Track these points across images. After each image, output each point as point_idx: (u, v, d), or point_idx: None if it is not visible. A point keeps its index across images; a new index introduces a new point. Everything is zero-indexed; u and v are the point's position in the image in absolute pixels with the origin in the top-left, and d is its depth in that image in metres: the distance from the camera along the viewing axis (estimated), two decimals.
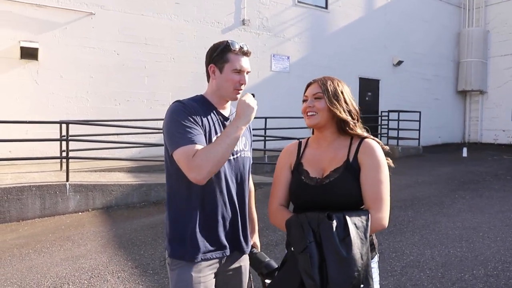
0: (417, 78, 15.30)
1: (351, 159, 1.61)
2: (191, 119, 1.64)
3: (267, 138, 10.04)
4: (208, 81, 1.84)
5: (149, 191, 6.73)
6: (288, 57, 11.94)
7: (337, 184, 1.57)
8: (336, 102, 1.64)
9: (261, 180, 7.79)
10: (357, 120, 1.69)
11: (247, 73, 1.78)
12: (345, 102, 1.67)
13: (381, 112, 13.75)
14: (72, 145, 6.95)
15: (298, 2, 12.11)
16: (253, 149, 1.98)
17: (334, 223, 1.40)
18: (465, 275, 3.65)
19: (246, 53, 1.77)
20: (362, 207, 1.62)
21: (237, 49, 1.74)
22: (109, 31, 8.93)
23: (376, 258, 1.67)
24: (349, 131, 1.66)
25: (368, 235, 1.42)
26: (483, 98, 17.01)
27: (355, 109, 1.69)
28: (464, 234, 4.82)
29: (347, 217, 1.42)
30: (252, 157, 1.94)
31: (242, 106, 1.67)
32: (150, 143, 8.81)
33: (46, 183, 5.97)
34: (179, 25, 9.90)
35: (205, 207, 1.69)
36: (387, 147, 1.70)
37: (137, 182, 6.76)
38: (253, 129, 2.04)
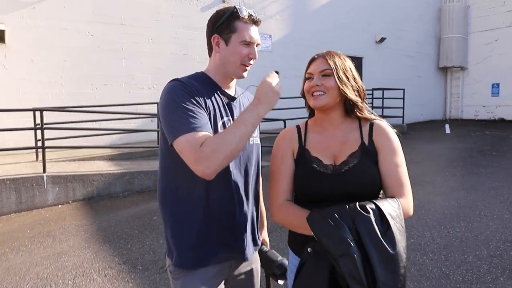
0: (400, 55, 15.18)
1: (366, 142, 1.47)
2: (193, 101, 1.36)
3: None
4: (210, 55, 1.57)
5: (132, 179, 6.42)
6: (270, 36, 11.59)
7: (358, 170, 1.41)
8: (346, 81, 1.47)
9: None
10: (363, 100, 1.53)
11: (257, 46, 1.51)
12: (354, 79, 1.51)
13: (365, 90, 13.60)
14: (48, 133, 6.54)
15: None
16: None
17: (372, 216, 1.20)
18: (468, 257, 3.54)
19: (256, 22, 1.50)
20: (379, 194, 1.46)
21: (246, 17, 1.47)
22: (81, 10, 8.39)
23: None
24: (357, 113, 1.51)
25: (404, 224, 1.24)
26: (464, 74, 17.07)
27: (362, 88, 1.53)
28: (460, 213, 4.72)
29: (381, 207, 1.23)
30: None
31: (265, 89, 1.36)
32: (130, 129, 8.45)
33: (22, 176, 5.59)
34: (156, 3, 9.40)
35: (211, 205, 1.45)
36: (395, 130, 1.54)
37: (119, 171, 6.43)
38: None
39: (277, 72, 1.46)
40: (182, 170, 1.35)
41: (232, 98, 1.56)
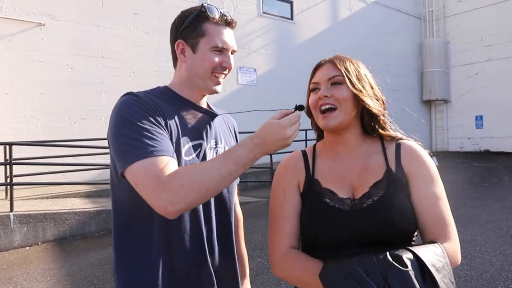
0: (384, 88, 14.71)
1: (393, 168, 1.13)
2: (150, 117, 1.06)
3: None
4: (175, 66, 1.27)
5: (108, 217, 5.97)
6: (255, 70, 11.53)
7: (386, 204, 1.07)
8: (362, 88, 1.15)
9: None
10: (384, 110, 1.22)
11: (232, 53, 1.22)
12: (372, 88, 1.20)
13: (385, 102, 13.55)
14: (21, 169, 6.13)
15: (263, 12, 11.78)
16: None
17: (411, 270, 0.88)
18: None
19: (230, 23, 1.21)
20: (415, 235, 1.12)
21: (217, 17, 1.18)
22: (61, 43, 8.17)
23: None
24: (379, 130, 1.20)
25: (453, 279, 0.94)
26: (448, 107, 17.23)
27: (382, 98, 1.23)
28: (461, 249, 4.41)
29: (421, 256, 0.92)
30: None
31: (278, 136, 1.04)
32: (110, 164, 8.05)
33: None
34: (138, 37, 9.27)
35: (172, 251, 1.11)
36: (427, 150, 1.22)
37: (95, 209, 6.00)
38: None
39: (301, 108, 1.11)
40: (137, 207, 1.04)
41: (211, 115, 1.25)
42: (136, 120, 1.04)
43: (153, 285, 1.10)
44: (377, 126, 1.19)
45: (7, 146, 5.86)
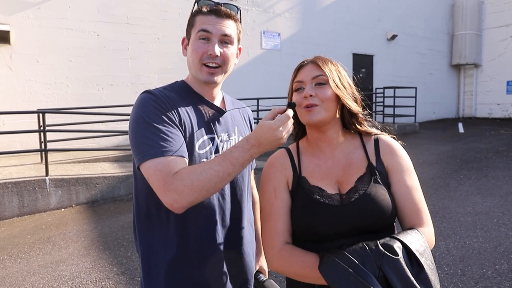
0: (412, 52, 14.84)
1: (374, 163, 1.24)
2: (165, 118, 1.16)
3: (260, 119, 9.59)
4: None
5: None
6: (279, 34, 11.39)
7: (372, 196, 1.16)
8: (343, 88, 1.24)
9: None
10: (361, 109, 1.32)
11: (223, 41, 1.26)
12: (350, 87, 1.29)
13: (376, 89, 13.34)
14: (53, 135, 6.45)
15: None
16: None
17: (401, 257, 0.99)
18: (487, 271, 3.32)
19: (218, 12, 1.26)
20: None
21: (206, 8, 1.26)
22: (87, 10, 8.28)
23: None
24: (358, 127, 1.29)
25: (433, 259, 1.05)
26: (478, 71, 16.65)
27: (359, 97, 1.31)
28: (477, 220, 4.49)
29: (407, 244, 1.03)
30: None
31: (271, 137, 1.08)
32: None
33: (24, 179, 5.49)
34: (162, 2, 9.26)
35: (188, 240, 1.24)
36: (400, 141, 1.34)
37: (124, 173, 6.30)
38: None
39: (293, 105, 1.14)
40: (155, 196, 1.16)
41: (219, 111, 1.34)
42: (151, 119, 1.15)
43: (172, 263, 1.24)
44: (356, 123, 1.28)
45: (41, 114, 6.14)
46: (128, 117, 5.44)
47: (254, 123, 1.55)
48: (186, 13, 9.28)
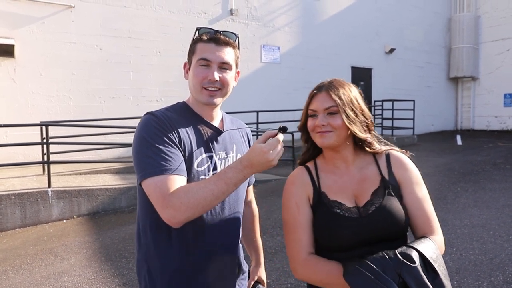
0: (410, 65, 15.03)
1: (387, 177, 1.36)
2: (165, 137, 1.26)
3: (259, 133, 9.68)
4: None
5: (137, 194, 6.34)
6: (279, 48, 11.57)
7: (387, 209, 1.29)
8: (355, 117, 1.33)
9: (255, 177, 7.46)
10: (371, 132, 1.41)
11: (222, 67, 1.35)
12: (362, 112, 1.37)
13: (374, 101, 13.48)
14: (56, 147, 6.54)
15: None
16: None
17: (418, 265, 1.11)
18: (483, 283, 3.38)
19: (217, 40, 1.35)
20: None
21: (206, 36, 1.35)
22: (90, 24, 8.45)
23: None
24: (367, 149, 1.40)
25: (444, 265, 1.17)
26: (475, 84, 16.83)
27: (370, 119, 1.40)
28: (474, 233, 4.56)
29: (422, 251, 1.16)
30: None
31: (262, 160, 1.16)
32: None
33: (26, 190, 5.56)
34: (164, 16, 9.44)
35: (189, 254, 1.34)
36: (409, 153, 1.45)
37: (125, 185, 6.37)
38: (245, 124, 1.65)
39: (284, 129, 1.23)
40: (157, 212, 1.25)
41: (217, 131, 1.43)
42: (153, 140, 1.24)
43: (173, 273, 1.33)
44: (366, 146, 1.39)
45: (44, 127, 6.24)
46: (130, 130, 5.62)
47: (254, 135, 1.65)
48: (187, 28, 9.51)
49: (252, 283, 1.63)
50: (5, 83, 7.59)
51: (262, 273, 1.68)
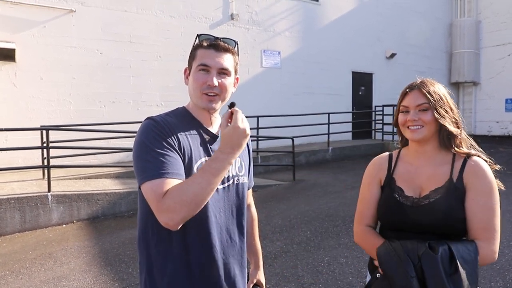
0: (411, 71, 15.01)
1: (455, 179, 1.44)
2: (164, 142, 1.26)
3: (259, 138, 9.68)
4: None
5: (137, 198, 6.32)
6: (279, 52, 11.58)
7: (438, 206, 1.41)
8: (444, 113, 1.45)
9: (255, 182, 7.44)
10: (459, 128, 1.51)
11: (221, 73, 1.37)
12: (451, 110, 1.49)
13: (375, 106, 13.48)
14: (56, 151, 6.54)
15: None
16: None
17: (439, 256, 1.23)
18: None
19: (217, 46, 1.37)
20: (464, 237, 1.44)
21: (206, 42, 1.38)
22: (91, 29, 8.47)
23: None
24: (455, 147, 1.49)
25: (478, 271, 1.25)
26: (476, 89, 16.83)
27: (459, 117, 1.52)
28: None
29: (453, 249, 1.26)
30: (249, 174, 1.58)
31: (239, 135, 1.22)
32: None
33: (26, 195, 5.55)
34: (164, 21, 9.47)
35: (189, 255, 1.33)
36: (497, 166, 1.53)
37: (124, 190, 6.36)
38: None
39: (233, 104, 1.29)
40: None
41: (214, 137, 1.43)
42: (152, 144, 1.25)
43: (174, 276, 1.32)
44: (453, 145, 1.47)
45: (44, 131, 6.24)
46: (130, 134, 5.62)
47: (253, 141, 1.65)
48: (188, 32, 9.53)
49: (251, 286, 1.63)
50: (5, 87, 7.60)
51: (261, 276, 1.69)
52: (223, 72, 1.37)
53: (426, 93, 1.44)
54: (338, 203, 6.19)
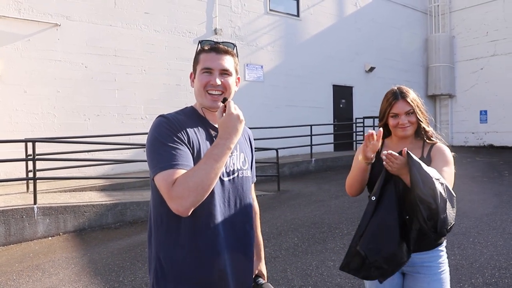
0: (389, 84, 15.00)
1: (425, 155, 1.97)
2: (175, 137, 1.38)
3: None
4: None
5: (124, 210, 6.35)
6: (262, 66, 11.81)
7: None
8: (421, 115, 1.98)
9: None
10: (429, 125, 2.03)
11: (223, 74, 1.50)
12: (425, 111, 2.02)
13: (356, 118, 13.80)
14: (40, 164, 6.50)
15: (270, 10, 12.04)
16: None
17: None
18: (464, 285, 3.51)
19: (217, 49, 1.51)
20: None
21: (208, 47, 1.52)
22: (76, 42, 8.52)
23: (444, 243, 2.04)
24: (426, 140, 2.01)
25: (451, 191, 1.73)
26: (452, 101, 17.40)
27: (428, 115, 2.04)
28: (455, 240, 4.71)
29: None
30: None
31: (234, 122, 1.37)
32: (123, 159, 8.44)
33: (11, 207, 5.50)
34: (149, 35, 9.59)
35: (197, 242, 1.42)
36: (453, 153, 2.01)
37: (111, 202, 6.36)
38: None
39: (225, 99, 1.45)
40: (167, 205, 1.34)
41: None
42: (164, 139, 1.37)
43: (182, 264, 1.41)
44: (425, 137, 2.01)
45: (30, 143, 6.21)
46: (115, 146, 5.75)
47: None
48: (172, 46, 9.67)
49: (253, 276, 1.69)
50: None
51: (262, 267, 1.79)
52: (224, 72, 1.50)
53: (410, 102, 1.95)
54: (323, 211, 6.33)
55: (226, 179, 1.48)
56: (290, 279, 3.83)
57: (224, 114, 1.39)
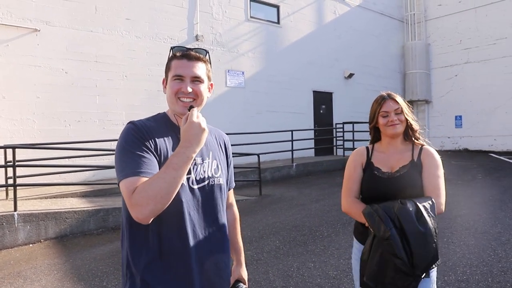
0: (368, 90, 15.78)
1: (415, 159, 2.04)
2: (141, 144, 1.38)
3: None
4: None
5: (106, 216, 6.34)
6: (243, 72, 11.94)
7: (406, 176, 1.98)
8: (409, 114, 2.09)
9: None
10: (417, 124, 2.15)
11: (194, 81, 1.50)
12: (411, 112, 2.13)
13: (336, 124, 14.05)
14: (20, 170, 6.45)
15: (251, 17, 12.20)
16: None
17: (410, 207, 1.73)
18: (437, 282, 3.68)
19: (189, 56, 1.51)
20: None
21: (179, 53, 1.52)
22: (56, 48, 8.48)
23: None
24: (414, 140, 2.09)
25: (435, 213, 1.78)
26: (429, 107, 17.89)
27: (414, 117, 2.14)
28: None
29: (417, 202, 1.77)
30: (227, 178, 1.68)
31: (195, 130, 1.33)
32: (104, 165, 8.39)
33: None
34: (130, 41, 9.60)
35: (163, 248, 1.42)
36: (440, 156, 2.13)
37: (93, 208, 6.35)
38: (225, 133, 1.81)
39: (191, 107, 1.43)
40: None
41: None
42: (130, 146, 1.38)
43: (148, 268, 1.41)
44: (413, 137, 2.09)
45: (11, 149, 6.16)
46: (96, 152, 5.85)
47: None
48: (153, 52, 9.72)
49: (234, 282, 1.71)
50: None
51: (243, 272, 1.79)
52: (196, 79, 1.50)
53: (398, 100, 2.07)
54: (304, 215, 6.47)
55: (195, 186, 1.48)
56: (272, 280, 3.93)
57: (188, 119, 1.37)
